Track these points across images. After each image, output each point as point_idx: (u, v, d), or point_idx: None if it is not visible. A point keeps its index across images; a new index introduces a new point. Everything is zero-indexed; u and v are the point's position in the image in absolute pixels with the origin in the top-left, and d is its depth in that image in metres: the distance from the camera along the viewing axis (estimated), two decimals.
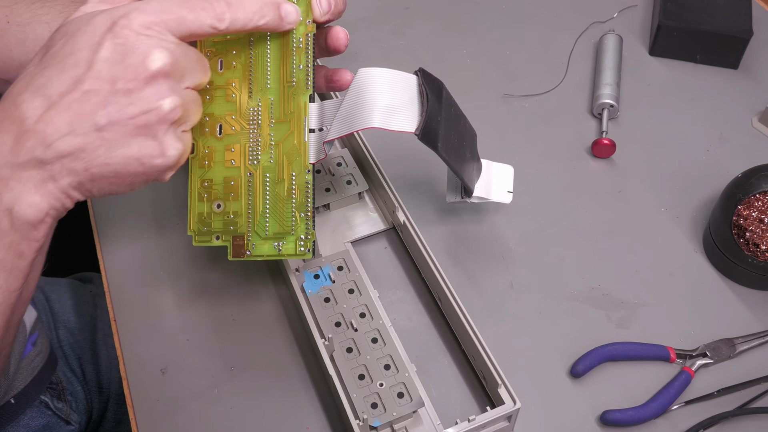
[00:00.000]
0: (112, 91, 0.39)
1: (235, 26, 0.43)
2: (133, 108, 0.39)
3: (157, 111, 0.40)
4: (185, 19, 0.41)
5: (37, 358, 0.62)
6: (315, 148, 0.48)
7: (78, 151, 0.39)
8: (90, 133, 0.39)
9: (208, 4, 0.42)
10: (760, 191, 0.56)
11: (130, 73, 0.39)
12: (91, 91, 0.38)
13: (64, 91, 0.38)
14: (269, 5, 0.44)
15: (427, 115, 0.47)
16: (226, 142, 0.48)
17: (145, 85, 0.39)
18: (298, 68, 0.48)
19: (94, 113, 0.39)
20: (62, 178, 0.39)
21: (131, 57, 0.39)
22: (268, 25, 0.45)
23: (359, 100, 0.47)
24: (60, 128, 0.38)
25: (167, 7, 0.41)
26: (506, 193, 0.57)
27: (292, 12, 0.46)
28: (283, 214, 0.48)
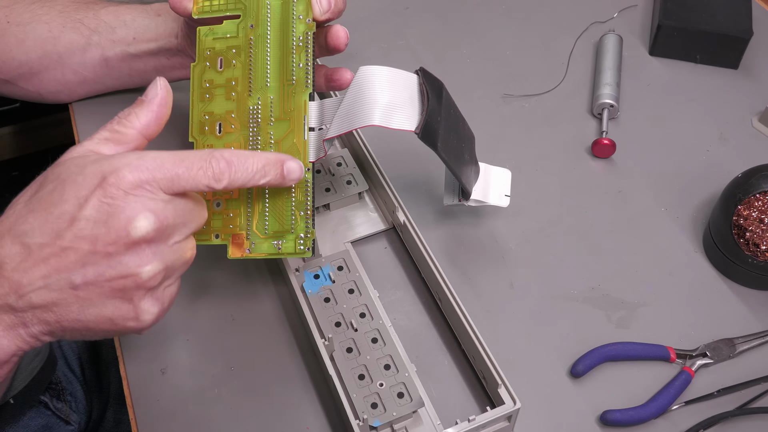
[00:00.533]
0: (92, 252, 0.38)
1: (233, 186, 0.42)
2: (111, 272, 0.38)
3: (134, 278, 0.39)
4: (179, 178, 0.40)
5: (37, 359, 0.62)
6: (315, 147, 0.48)
7: (51, 305, 0.38)
8: (64, 290, 0.38)
9: (206, 164, 0.40)
10: (760, 191, 0.56)
11: (111, 236, 0.38)
12: (71, 249, 0.38)
13: (43, 243, 0.38)
14: (272, 164, 0.43)
15: (427, 114, 0.47)
16: (226, 140, 0.48)
17: (126, 250, 0.38)
18: (298, 67, 0.48)
19: (70, 271, 0.38)
20: (33, 325, 0.39)
21: (115, 220, 0.38)
22: (270, 184, 0.44)
23: (359, 98, 0.47)
24: (35, 281, 0.38)
25: (161, 165, 0.39)
26: (503, 196, 0.57)
27: (296, 170, 0.45)
28: (283, 213, 0.48)
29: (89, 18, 0.64)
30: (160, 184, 0.39)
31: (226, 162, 0.41)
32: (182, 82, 0.67)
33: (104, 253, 0.38)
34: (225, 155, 0.41)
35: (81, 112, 0.69)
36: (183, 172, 0.40)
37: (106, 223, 0.38)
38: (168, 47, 0.62)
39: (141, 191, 0.38)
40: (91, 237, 0.37)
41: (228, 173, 0.41)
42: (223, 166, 0.41)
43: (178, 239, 0.41)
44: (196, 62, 0.50)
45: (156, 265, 0.39)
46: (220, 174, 0.41)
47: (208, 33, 0.50)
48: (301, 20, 0.48)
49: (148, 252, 0.39)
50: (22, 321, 0.39)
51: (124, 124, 0.42)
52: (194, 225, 0.42)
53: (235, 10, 0.50)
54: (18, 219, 0.39)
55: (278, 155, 0.44)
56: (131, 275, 0.38)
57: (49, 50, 0.64)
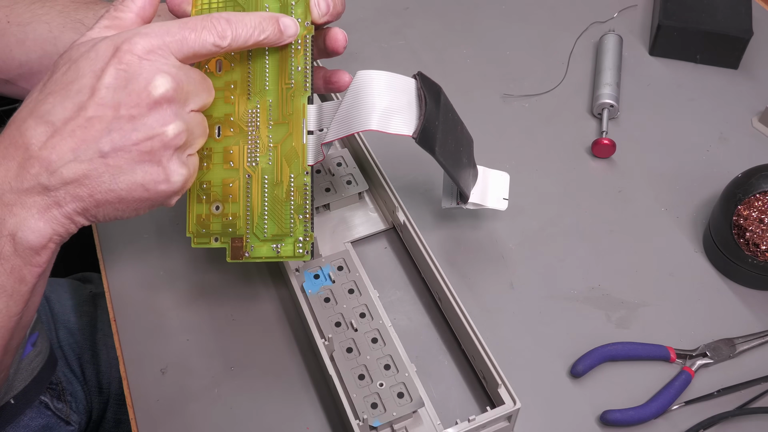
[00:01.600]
0: (116, 118, 0.39)
1: (237, 43, 0.43)
2: (136, 134, 0.39)
3: (161, 137, 0.40)
4: (187, 39, 0.41)
5: (37, 359, 0.62)
6: (313, 150, 0.48)
7: (82, 178, 0.39)
8: (94, 159, 0.39)
9: (209, 23, 0.42)
10: (760, 191, 0.56)
11: (133, 99, 0.39)
12: (95, 117, 0.39)
13: (67, 117, 0.39)
14: (268, 20, 0.45)
15: (425, 119, 0.47)
16: (225, 144, 0.48)
17: (149, 111, 0.39)
18: (297, 70, 0.48)
19: (97, 140, 0.39)
20: (67, 204, 0.39)
21: (134, 83, 0.39)
22: (269, 39, 0.45)
23: (357, 103, 0.47)
24: (64, 155, 0.38)
25: (169, 29, 0.41)
26: (501, 200, 0.57)
27: (291, 25, 0.46)
28: (282, 216, 0.48)
29: (89, 18, 0.64)
30: (171, 48, 0.40)
31: (226, 20, 0.42)
32: None
33: (128, 116, 0.39)
34: (223, 15, 0.43)
35: None
36: (189, 33, 0.41)
37: (126, 87, 0.39)
38: None
39: (154, 56, 0.40)
40: (113, 103, 0.39)
41: (230, 30, 0.42)
42: (224, 24, 0.42)
43: (193, 107, 0.42)
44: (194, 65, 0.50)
45: (179, 124, 0.41)
46: (223, 31, 0.42)
47: None
48: (299, 23, 0.48)
49: (169, 111, 0.40)
50: (56, 201, 0.39)
51: (121, 9, 0.44)
52: (204, 96, 0.43)
53: None
54: (37, 103, 0.39)
55: (273, 13, 0.46)
56: (157, 135, 0.40)
57: (50, 50, 0.64)
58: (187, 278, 0.59)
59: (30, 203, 0.39)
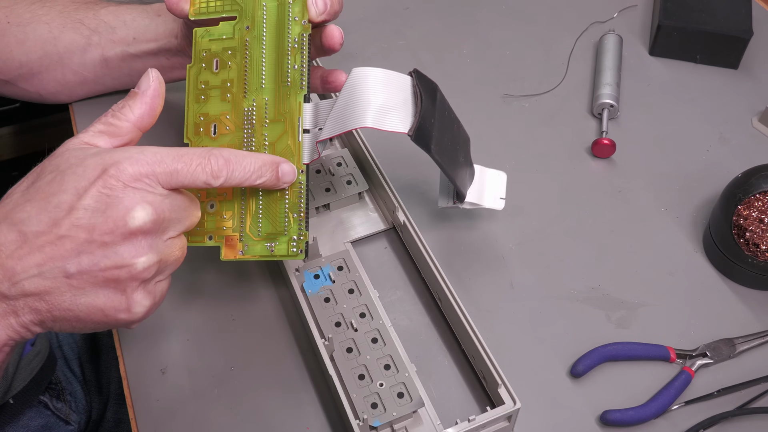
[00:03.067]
0: (88, 241, 0.38)
1: (229, 184, 0.43)
2: (105, 261, 0.38)
3: (129, 268, 0.39)
4: (178, 173, 0.40)
5: (36, 359, 0.62)
6: (309, 149, 0.48)
7: (43, 293, 0.39)
8: (58, 278, 0.38)
9: (205, 161, 0.41)
10: (760, 191, 0.56)
11: (109, 225, 0.38)
12: (67, 237, 0.38)
13: (40, 231, 0.38)
14: (267, 166, 0.44)
15: (420, 116, 0.47)
16: (220, 142, 0.48)
17: (122, 240, 0.39)
18: (293, 68, 0.48)
19: (65, 259, 0.38)
20: (24, 314, 0.39)
21: (113, 210, 0.38)
22: (264, 185, 0.45)
23: (352, 100, 0.47)
24: (29, 268, 0.38)
25: (161, 159, 0.40)
26: (498, 199, 0.57)
27: (289, 173, 0.46)
28: (276, 215, 0.48)
29: (89, 18, 0.64)
30: (159, 179, 0.40)
31: (225, 160, 0.42)
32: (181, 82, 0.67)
33: (100, 242, 0.38)
34: (224, 154, 0.42)
35: (81, 112, 0.69)
36: (182, 167, 0.40)
37: (105, 212, 0.38)
38: (168, 47, 0.62)
39: (140, 184, 0.39)
40: (88, 226, 0.38)
41: (225, 171, 0.42)
42: (221, 163, 0.42)
43: (172, 235, 0.41)
44: (192, 63, 0.50)
45: (151, 257, 0.40)
46: (218, 171, 0.42)
47: (204, 34, 0.50)
48: (296, 22, 0.48)
49: (144, 244, 0.39)
50: (13, 309, 0.39)
51: (118, 116, 0.43)
52: (188, 222, 0.43)
53: (231, 12, 0.50)
54: (15, 207, 0.39)
55: (274, 157, 0.45)
56: (126, 266, 0.39)
57: (50, 50, 0.64)
58: (187, 278, 0.59)
59: None
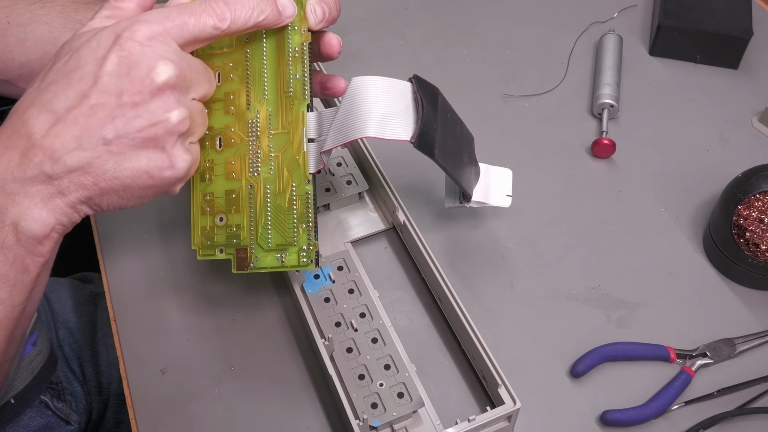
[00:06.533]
0: (119, 105, 0.39)
1: (236, 25, 0.43)
2: (140, 121, 0.39)
3: (164, 123, 0.40)
4: (188, 24, 0.41)
5: (37, 358, 0.62)
6: (314, 158, 0.48)
7: (86, 166, 0.39)
8: (98, 147, 0.39)
9: (207, 6, 0.42)
10: (760, 191, 0.56)
11: (136, 86, 0.39)
12: (98, 105, 0.39)
13: (70, 105, 0.39)
14: (267, 2, 0.45)
15: (422, 123, 0.47)
16: (227, 155, 0.48)
17: (152, 97, 0.39)
18: (295, 78, 0.48)
19: (101, 127, 0.39)
20: (71, 192, 0.39)
21: (136, 70, 0.39)
22: (268, 20, 0.45)
23: (353, 110, 0.47)
24: (67, 143, 0.38)
25: (168, 15, 0.41)
26: (505, 197, 0.57)
27: (289, 5, 0.46)
28: (285, 226, 0.48)
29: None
30: (172, 33, 0.40)
31: (224, 2, 0.42)
32: None
33: (131, 103, 0.39)
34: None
35: None
36: (188, 18, 0.41)
37: (128, 74, 0.39)
38: None
39: (155, 42, 0.40)
40: (116, 90, 0.39)
41: (229, 12, 0.42)
42: (222, 6, 0.42)
43: (195, 96, 0.42)
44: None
45: (182, 110, 0.41)
46: (222, 13, 0.42)
47: (205, 47, 0.50)
48: (296, 31, 0.48)
49: (172, 98, 0.40)
50: (59, 189, 0.39)
51: None
52: (206, 87, 0.44)
53: None
54: (39, 92, 0.39)
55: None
56: (160, 122, 0.40)
57: (50, 51, 0.64)
58: (187, 278, 0.59)
59: (33, 192, 0.39)
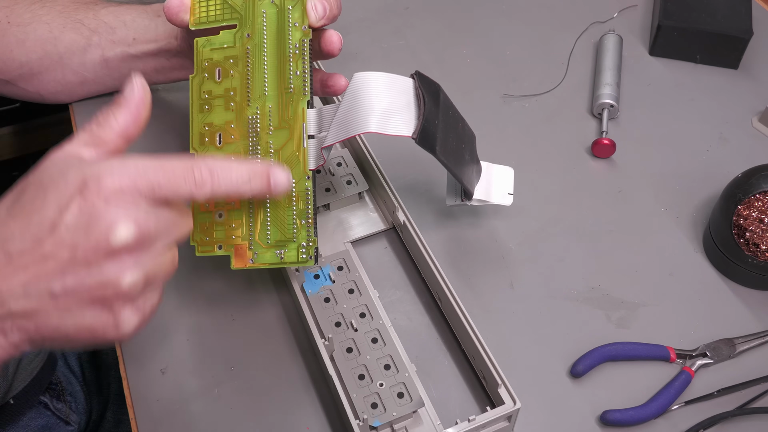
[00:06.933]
0: (71, 260, 0.37)
1: (216, 196, 0.41)
2: (90, 280, 0.37)
3: (114, 287, 0.38)
4: (161, 186, 0.38)
5: (37, 359, 0.62)
6: (314, 154, 0.48)
7: (30, 313, 0.38)
8: (44, 298, 0.37)
9: (188, 173, 0.39)
10: (760, 191, 0.56)
11: (91, 244, 0.37)
12: (50, 256, 0.37)
13: (24, 249, 0.37)
14: (258, 175, 0.42)
15: (424, 119, 0.47)
16: (226, 151, 0.48)
17: (106, 259, 0.37)
18: (295, 74, 0.48)
19: (50, 279, 0.37)
20: (12, 333, 0.38)
21: (95, 227, 0.37)
22: (256, 195, 0.43)
23: (355, 105, 0.47)
24: (14, 288, 0.37)
25: (142, 172, 0.38)
26: (507, 195, 0.57)
27: (283, 181, 0.43)
28: (284, 222, 0.48)
29: (89, 18, 0.64)
30: (142, 192, 0.38)
31: (209, 171, 0.40)
32: (183, 83, 0.67)
33: (84, 261, 0.37)
34: (209, 164, 0.40)
35: (81, 112, 0.69)
36: (164, 180, 0.39)
37: (87, 230, 0.37)
38: (168, 48, 0.62)
39: (122, 198, 0.37)
40: (71, 244, 0.37)
41: (210, 183, 0.40)
42: (205, 175, 0.40)
43: (160, 249, 0.40)
44: (195, 74, 0.50)
45: (136, 274, 0.38)
46: (201, 183, 0.40)
47: (205, 44, 0.50)
48: (296, 27, 0.48)
49: (129, 261, 0.38)
50: (1, 328, 0.38)
51: (103, 126, 0.41)
52: (176, 235, 0.41)
53: (232, 20, 0.50)
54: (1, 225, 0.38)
55: (265, 164, 0.43)
56: (111, 284, 0.38)
57: (50, 51, 0.64)
58: (186, 278, 0.59)
59: None
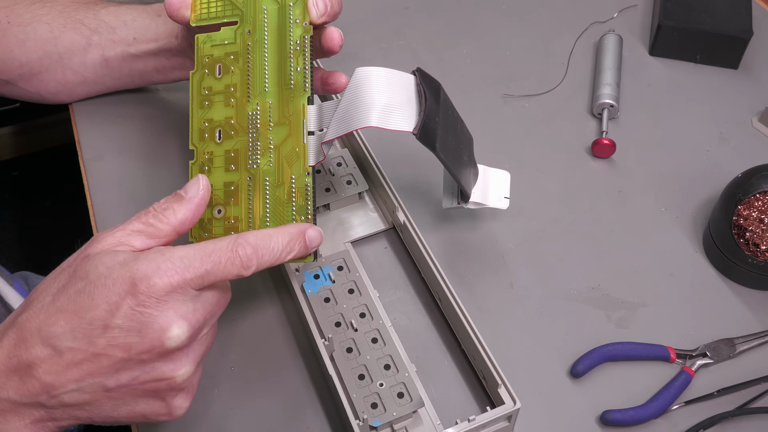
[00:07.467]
0: (125, 359, 0.38)
1: (261, 269, 0.41)
2: (145, 376, 0.38)
3: (168, 381, 0.39)
4: (209, 273, 0.39)
5: None
6: (314, 150, 0.48)
7: (83, 404, 0.39)
8: (97, 392, 0.38)
9: (233, 255, 0.40)
10: (760, 191, 0.57)
11: (146, 345, 0.37)
12: (104, 355, 0.37)
13: (76, 348, 0.37)
14: (296, 239, 0.43)
15: (425, 115, 0.47)
16: (226, 146, 0.48)
17: (160, 358, 0.38)
18: (296, 70, 0.48)
19: (103, 375, 0.38)
20: (63, 420, 0.39)
21: (148, 329, 0.37)
22: (296, 257, 0.44)
23: (357, 100, 0.47)
24: (67, 383, 0.38)
25: (189, 264, 0.39)
26: (503, 198, 0.57)
27: (316, 237, 0.45)
28: (284, 218, 0.48)
29: (89, 18, 0.64)
30: (191, 284, 0.39)
31: (253, 248, 0.41)
32: (183, 83, 0.67)
33: (138, 360, 0.38)
34: (250, 241, 0.41)
35: (81, 113, 0.69)
36: (212, 267, 0.39)
37: (140, 332, 0.37)
38: (168, 48, 0.62)
39: (172, 297, 0.38)
40: (124, 345, 0.37)
41: (255, 259, 0.41)
42: (250, 252, 0.40)
43: (207, 330, 0.41)
44: (195, 70, 0.50)
45: (189, 368, 0.39)
46: (248, 261, 0.40)
47: (206, 40, 0.50)
48: (297, 24, 0.48)
49: (183, 358, 0.39)
50: (52, 416, 0.39)
51: (159, 218, 0.42)
52: (221, 310, 0.42)
53: (233, 17, 0.50)
54: (47, 318, 0.38)
55: (299, 227, 0.44)
56: (165, 379, 0.39)
57: (50, 51, 0.64)
58: None
59: (26, 413, 0.38)
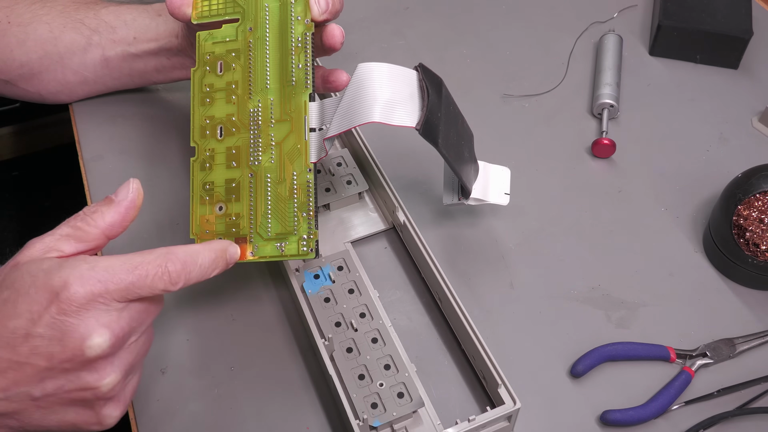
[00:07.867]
0: (49, 368, 0.37)
1: (188, 284, 0.41)
2: (70, 385, 0.38)
3: (94, 391, 0.38)
4: (134, 286, 0.39)
5: None
6: (316, 147, 0.48)
7: (12, 413, 0.38)
8: (24, 401, 0.38)
9: (161, 269, 0.39)
10: (760, 191, 0.57)
11: (67, 354, 0.37)
12: (27, 364, 0.37)
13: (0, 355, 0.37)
14: (220, 256, 0.44)
15: (427, 110, 0.47)
16: (227, 143, 0.48)
17: (83, 367, 0.38)
18: (297, 67, 0.48)
19: (28, 384, 0.38)
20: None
21: (69, 338, 0.37)
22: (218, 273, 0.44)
23: (359, 95, 0.47)
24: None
25: (113, 275, 0.38)
26: (503, 195, 0.57)
27: (235, 254, 0.46)
28: (285, 215, 0.48)
29: (90, 18, 0.64)
30: (114, 295, 0.38)
31: (182, 264, 0.40)
32: (185, 82, 0.67)
33: (61, 369, 0.37)
34: (179, 256, 0.41)
35: (81, 112, 0.69)
36: (137, 280, 0.39)
37: (61, 341, 0.37)
38: (169, 47, 0.62)
39: (94, 305, 0.37)
40: (46, 354, 0.37)
41: (184, 274, 0.41)
42: (179, 268, 0.40)
43: (135, 339, 0.40)
44: (196, 67, 0.50)
45: (115, 376, 0.39)
46: (176, 277, 0.40)
47: (207, 37, 0.50)
48: (299, 21, 0.48)
49: (106, 366, 0.38)
50: None
51: (88, 222, 0.41)
52: (151, 320, 0.41)
53: (234, 14, 0.50)
54: None
55: (222, 243, 0.45)
56: (90, 389, 0.38)
57: (50, 50, 0.64)
58: None
59: None
